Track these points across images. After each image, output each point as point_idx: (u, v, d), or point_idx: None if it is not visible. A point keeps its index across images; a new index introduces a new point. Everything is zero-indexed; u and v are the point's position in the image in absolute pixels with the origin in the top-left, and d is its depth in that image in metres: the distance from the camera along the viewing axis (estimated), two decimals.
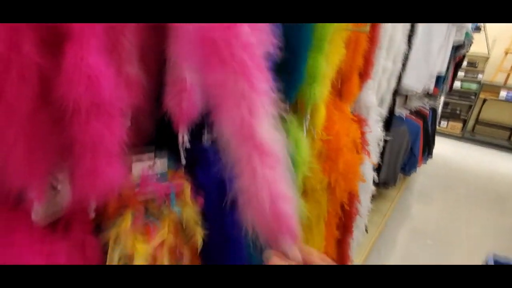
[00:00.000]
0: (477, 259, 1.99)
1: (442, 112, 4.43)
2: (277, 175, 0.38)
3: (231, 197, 0.40)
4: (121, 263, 0.49)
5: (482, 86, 4.63)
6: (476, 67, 4.70)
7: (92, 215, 0.44)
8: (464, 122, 4.84)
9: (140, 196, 0.51)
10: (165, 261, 0.53)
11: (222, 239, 0.58)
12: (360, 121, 1.24)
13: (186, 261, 0.57)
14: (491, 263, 0.93)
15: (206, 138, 0.60)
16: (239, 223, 0.61)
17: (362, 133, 1.22)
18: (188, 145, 0.56)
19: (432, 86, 2.11)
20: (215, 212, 0.57)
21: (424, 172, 3.37)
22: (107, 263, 0.47)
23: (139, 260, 0.49)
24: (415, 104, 2.50)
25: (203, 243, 0.56)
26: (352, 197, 1.29)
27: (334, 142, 1.01)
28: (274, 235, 0.37)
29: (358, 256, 1.78)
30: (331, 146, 1.01)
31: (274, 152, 0.38)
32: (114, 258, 0.47)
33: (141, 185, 0.52)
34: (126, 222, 0.49)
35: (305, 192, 0.98)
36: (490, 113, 4.79)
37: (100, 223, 0.49)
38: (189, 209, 0.55)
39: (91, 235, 0.47)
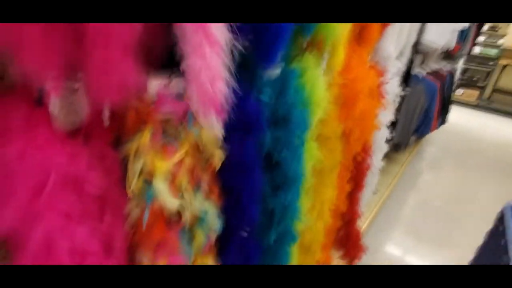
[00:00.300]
0: (485, 224, 2.00)
1: (459, 79, 4.26)
2: (220, 60, 0.47)
3: None
4: (141, 178, 0.49)
5: (503, 51, 4.38)
6: (496, 31, 4.43)
7: (107, 122, 0.44)
8: (481, 89, 4.65)
9: (157, 114, 0.50)
10: (184, 181, 0.53)
11: (240, 163, 0.58)
12: (378, 72, 1.19)
13: (204, 183, 0.57)
14: (509, 211, 0.92)
15: None
16: (257, 147, 0.60)
17: (379, 84, 1.17)
18: None
19: (453, 43, 1.99)
20: (233, 134, 0.56)
21: (436, 139, 3.31)
22: (129, 177, 0.47)
23: (159, 176, 0.49)
24: (433, 65, 2.39)
25: (222, 165, 0.56)
26: (366, 150, 1.27)
27: (351, 87, 0.97)
28: (206, 108, 0.48)
29: (366, 213, 1.80)
30: (347, 91, 0.97)
31: (221, 43, 0.46)
32: (135, 171, 0.47)
33: (158, 102, 0.50)
34: (145, 137, 0.48)
35: (319, 139, 0.96)
36: (509, 80, 4.57)
37: (118, 139, 0.49)
38: (207, 130, 0.54)
39: (110, 147, 0.47)
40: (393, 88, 1.43)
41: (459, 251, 1.84)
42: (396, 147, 2.15)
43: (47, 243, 0.38)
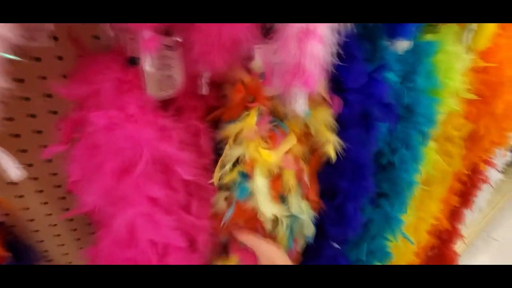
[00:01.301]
0: None
1: None
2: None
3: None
4: (237, 169, 0.40)
5: None
6: None
7: (204, 91, 0.35)
8: None
9: (265, 89, 0.40)
10: (291, 180, 0.42)
11: (353, 159, 0.44)
12: None
13: (305, 178, 0.45)
14: None
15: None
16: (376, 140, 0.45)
17: None
18: None
19: None
20: (348, 122, 0.43)
21: None
22: (222, 161, 0.39)
23: (260, 170, 0.39)
24: None
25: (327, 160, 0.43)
26: (488, 158, 0.99)
27: (496, 74, 0.72)
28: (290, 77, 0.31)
29: (464, 234, 1.48)
30: (489, 78, 0.72)
31: None
32: (231, 156, 0.38)
33: (267, 75, 0.40)
34: (252, 119, 0.38)
35: (438, 139, 0.75)
36: None
37: (215, 116, 0.40)
38: (322, 111, 0.41)
39: (205, 124, 0.39)
40: None
41: None
42: None
43: (131, 230, 0.33)
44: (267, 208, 0.38)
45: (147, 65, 0.30)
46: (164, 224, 0.33)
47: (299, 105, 0.34)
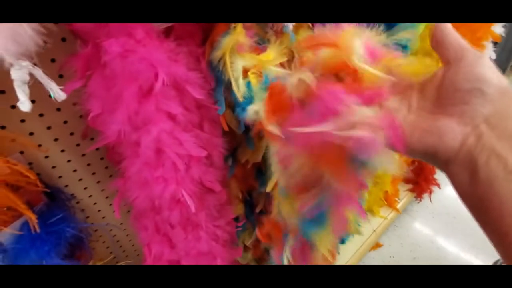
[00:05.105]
0: None
1: None
2: None
3: None
4: (252, 74, 0.42)
5: None
6: None
7: None
8: None
9: None
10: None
11: None
12: None
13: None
14: None
15: None
16: None
17: None
18: None
19: None
20: None
21: None
22: (229, 76, 0.41)
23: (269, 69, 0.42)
24: None
25: None
26: None
27: None
28: None
29: None
30: None
31: None
32: (237, 69, 0.41)
33: None
34: (240, 30, 0.40)
35: (415, 54, 0.80)
36: None
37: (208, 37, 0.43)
38: (305, 33, 0.45)
39: (202, 48, 0.42)
40: None
41: None
42: None
43: (157, 147, 0.38)
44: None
45: None
46: (184, 139, 0.39)
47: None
